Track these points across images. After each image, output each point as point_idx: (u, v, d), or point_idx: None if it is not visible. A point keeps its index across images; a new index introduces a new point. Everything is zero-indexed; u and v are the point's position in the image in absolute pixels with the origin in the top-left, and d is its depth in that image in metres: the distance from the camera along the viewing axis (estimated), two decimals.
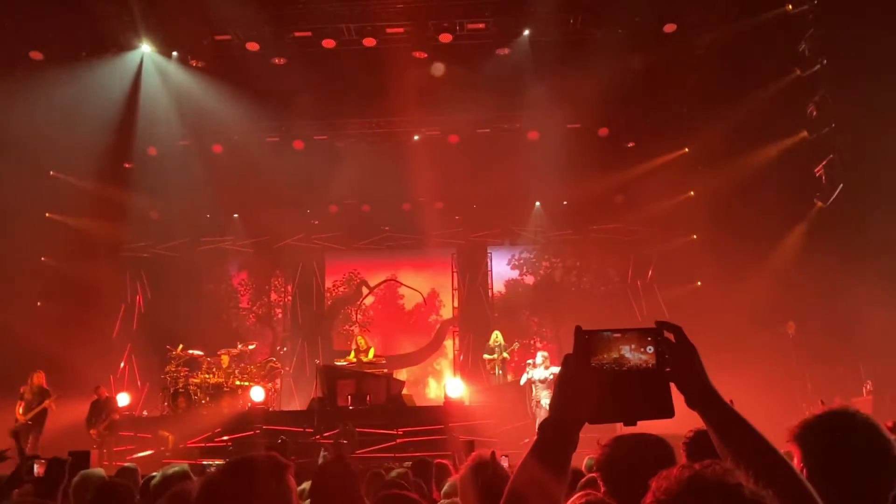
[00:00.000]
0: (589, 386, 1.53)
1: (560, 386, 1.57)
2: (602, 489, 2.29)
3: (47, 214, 15.45)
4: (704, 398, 1.56)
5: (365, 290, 18.57)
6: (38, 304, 15.08)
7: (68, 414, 12.74)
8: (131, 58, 14.38)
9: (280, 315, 18.50)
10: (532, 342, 17.76)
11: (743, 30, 13.10)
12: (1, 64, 13.30)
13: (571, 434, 1.55)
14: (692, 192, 16.18)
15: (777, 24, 13.28)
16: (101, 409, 13.04)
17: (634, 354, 1.57)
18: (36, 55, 13.72)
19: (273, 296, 18.60)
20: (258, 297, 18.54)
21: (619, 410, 1.56)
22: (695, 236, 16.39)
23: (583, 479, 3.70)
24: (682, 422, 1.81)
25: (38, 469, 5.99)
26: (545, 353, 13.74)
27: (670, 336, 1.60)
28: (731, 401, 1.64)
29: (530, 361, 13.71)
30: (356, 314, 18.31)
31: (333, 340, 18.24)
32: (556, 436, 1.55)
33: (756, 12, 13.13)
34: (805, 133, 13.75)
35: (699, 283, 16.12)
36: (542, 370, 13.37)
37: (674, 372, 1.57)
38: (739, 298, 13.87)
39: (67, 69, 14.21)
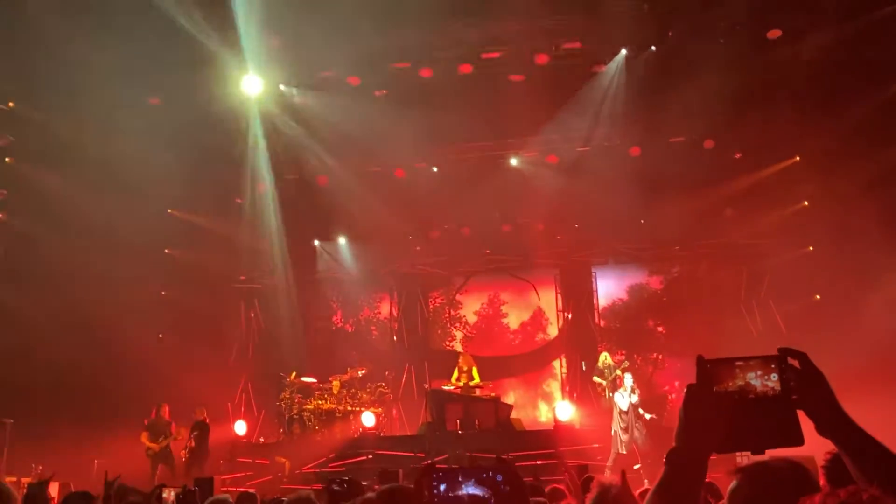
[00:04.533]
0: (714, 414, 1.52)
1: (684, 415, 1.56)
2: None
3: (166, 251, 16.28)
4: (836, 424, 1.53)
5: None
6: (160, 336, 15.84)
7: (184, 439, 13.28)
8: (239, 98, 14.96)
9: (375, 333, 18.70)
10: (657, 357, 17.19)
11: (856, 29, 12.47)
12: (121, 108, 14.14)
13: (700, 464, 1.53)
14: (806, 202, 15.48)
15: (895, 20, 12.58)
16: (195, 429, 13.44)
17: (759, 381, 1.55)
18: (154, 101, 14.51)
19: (366, 312, 18.80)
20: (350, 314, 18.79)
21: (746, 439, 1.55)
22: (811, 248, 15.64)
23: None
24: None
25: (168, 495, 6.28)
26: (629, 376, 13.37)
27: (795, 363, 1.57)
28: None
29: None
30: (452, 326, 18.35)
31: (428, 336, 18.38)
32: (683, 466, 1.53)
33: (871, 9, 12.48)
34: None
35: (818, 297, 15.37)
36: (626, 398, 12.89)
37: (801, 399, 1.54)
38: (863, 312, 13.12)
39: (181, 111, 14.99)
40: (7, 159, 13.37)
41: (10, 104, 13.26)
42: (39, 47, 12.29)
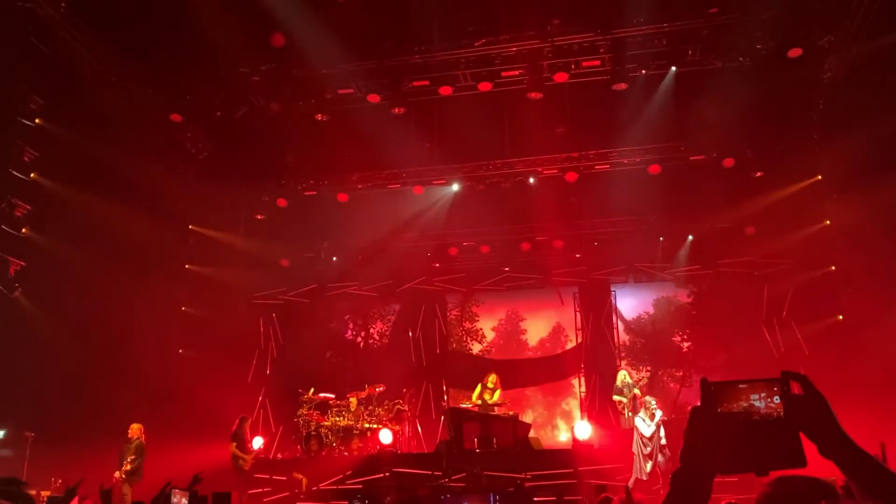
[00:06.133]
0: (718, 436, 1.57)
1: (689, 437, 1.61)
2: None
3: (187, 266, 16.41)
4: (837, 447, 1.55)
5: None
6: (180, 350, 15.92)
7: (204, 456, 13.24)
8: (259, 114, 15.11)
9: (392, 349, 18.59)
10: (686, 374, 16.90)
11: (877, 48, 12.39)
12: (144, 127, 14.30)
13: (704, 485, 1.58)
14: (827, 221, 15.35)
15: None
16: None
17: (763, 403, 1.59)
18: (176, 118, 14.69)
19: (379, 325, 18.77)
20: (362, 328, 18.78)
21: (750, 460, 1.58)
22: (833, 267, 15.50)
23: None
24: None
25: (177, 499, 6.33)
26: (653, 400, 13.22)
27: (797, 385, 1.61)
28: (883, 443, 1.57)
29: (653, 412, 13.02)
30: (468, 337, 18.32)
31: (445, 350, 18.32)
32: (688, 487, 1.58)
33: (892, 27, 12.35)
34: None
35: (840, 317, 15.21)
36: (647, 424, 12.73)
37: (803, 422, 1.57)
38: (886, 332, 12.95)
39: (203, 129, 15.16)
40: (32, 175, 13.54)
41: (38, 121, 13.44)
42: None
